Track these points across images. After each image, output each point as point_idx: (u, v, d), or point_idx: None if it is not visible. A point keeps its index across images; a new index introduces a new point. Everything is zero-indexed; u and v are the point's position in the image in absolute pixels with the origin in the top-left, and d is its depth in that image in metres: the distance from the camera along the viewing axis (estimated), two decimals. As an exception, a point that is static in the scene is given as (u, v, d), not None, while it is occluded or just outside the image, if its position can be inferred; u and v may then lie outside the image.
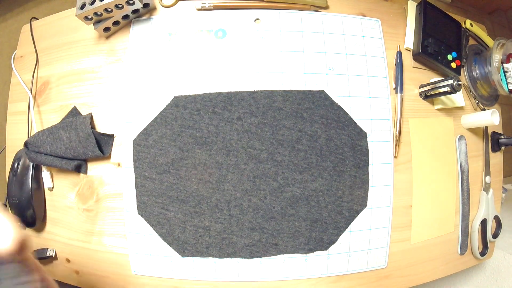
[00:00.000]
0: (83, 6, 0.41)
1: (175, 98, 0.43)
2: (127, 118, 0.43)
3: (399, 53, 0.48)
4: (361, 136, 0.44)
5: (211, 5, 0.45)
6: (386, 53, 0.48)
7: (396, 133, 0.46)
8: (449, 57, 0.50)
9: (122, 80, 0.45)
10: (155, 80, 0.44)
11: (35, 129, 0.44)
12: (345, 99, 0.45)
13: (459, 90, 0.44)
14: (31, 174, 0.44)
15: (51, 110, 0.46)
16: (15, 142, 0.48)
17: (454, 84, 0.43)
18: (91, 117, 0.43)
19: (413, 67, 0.50)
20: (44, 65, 0.48)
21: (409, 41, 0.50)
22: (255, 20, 0.46)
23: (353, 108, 0.45)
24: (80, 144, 0.41)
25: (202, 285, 0.41)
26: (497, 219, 0.54)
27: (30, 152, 0.42)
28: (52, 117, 0.46)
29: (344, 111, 0.44)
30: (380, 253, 0.45)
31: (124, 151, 0.43)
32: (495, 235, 0.54)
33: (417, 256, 0.47)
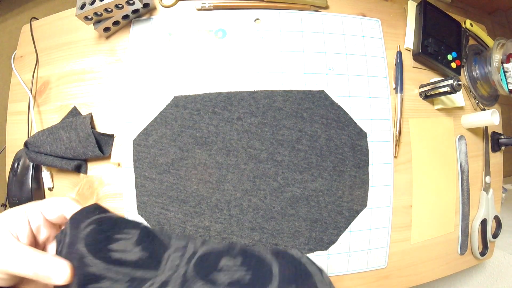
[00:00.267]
0: (83, 6, 0.41)
1: (175, 98, 0.43)
2: (127, 118, 0.43)
3: (399, 53, 0.48)
4: (361, 136, 0.44)
5: (211, 5, 0.45)
6: (386, 53, 0.48)
7: (396, 133, 0.46)
8: (449, 57, 0.50)
9: (122, 80, 0.44)
10: (155, 80, 0.44)
11: (35, 129, 0.44)
12: (345, 99, 0.45)
13: (459, 90, 0.44)
14: (31, 174, 0.44)
15: (51, 110, 0.46)
16: (15, 142, 0.48)
17: (454, 84, 0.43)
18: (91, 117, 0.43)
19: (413, 67, 0.50)
20: (44, 65, 0.48)
21: (409, 41, 0.50)
22: (255, 20, 0.46)
23: (353, 108, 0.45)
24: (80, 144, 0.41)
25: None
26: (497, 219, 0.54)
27: (30, 152, 0.42)
28: (52, 117, 0.46)
29: (344, 111, 0.44)
30: (380, 253, 0.45)
31: (124, 151, 0.43)
32: (495, 235, 0.54)
33: (417, 256, 0.47)
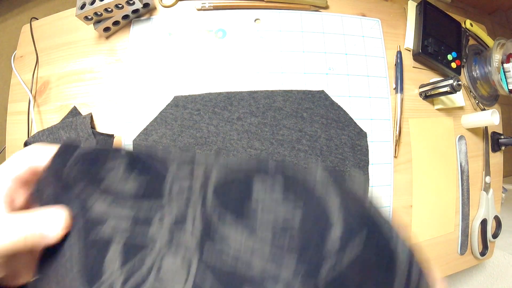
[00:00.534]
0: (83, 6, 0.41)
1: (175, 98, 0.43)
2: (127, 118, 0.43)
3: (399, 53, 0.48)
4: (361, 136, 0.44)
5: (211, 5, 0.45)
6: (386, 53, 0.48)
7: (396, 133, 0.46)
8: (449, 57, 0.50)
9: (122, 80, 0.44)
10: (155, 80, 0.44)
11: (35, 129, 0.44)
12: (345, 99, 0.45)
13: (459, 90, 0.44)
14: (31, 174, 0.44)
15: (51, 110, 0.46)
16: (15, 142, 0.48)
17: (454, 84, 0.43)
18: (91, 117, 0.43)
19: (413, 67, 0.50)
20: (44, 65, 0.48)
21: (409, 41, 0.50)
22: (255, 20, 0.46)
23: (353, 108, 0.45)
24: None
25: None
26: (497, 219, 0.54)
27: (30, 152, 0.42)
28: (52, 117, 0.46)
29: (344, 111, 0.44)
30: (380, 253, 0.45)
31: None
32: (495, 235, 0.54)
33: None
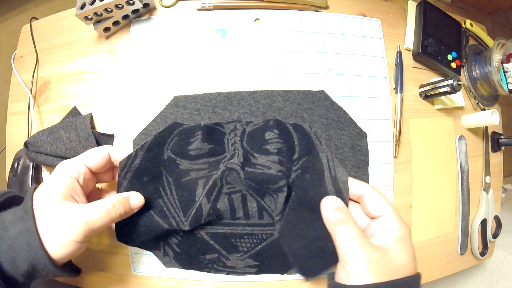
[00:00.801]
0: (83, 6, 0.41)
1: (175, 98, 0.43)
2: (127, 118, 0.43)
3: (399, 53, 0.48)
4: (361, 136, 0.44)
5: (211, 5, 0.45)
6: (386, 53, 0.48)
7: (396, 133, 0.46)
8: (449, 57, 0.50)
9: (122, 80, 0.45)
10: (155, 80, 0.44)
11: (35, 129, 0.44)
12: (345, 99, 0.45)
13: (459, 90, 0.44)
14: (31, 174, 0.44)
15: (51, 110, 0.46)
16: (15, 142, 0.48)
17: (454, 84, 0.43)
18: (91, 117, 0.43)
19: (413, 67, 0.50)
20: (44, 65, 0.48)
21: (409, 41, 0.50)
22: (255, 20, 0.46)
23: (353, 108, 0.45)
24: (80, 144, 0.41)
25: (202, 285, 0.41)
26: (497, 219, 0.54)
27: (30, 152, 0.41)
28: (52, 117, 0.46)
29: (344, 111, 0.44)
30: (380, 253, 0.45)
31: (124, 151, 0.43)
32: (495, 235, 0.54)
33: (417, 256, 0.47)
